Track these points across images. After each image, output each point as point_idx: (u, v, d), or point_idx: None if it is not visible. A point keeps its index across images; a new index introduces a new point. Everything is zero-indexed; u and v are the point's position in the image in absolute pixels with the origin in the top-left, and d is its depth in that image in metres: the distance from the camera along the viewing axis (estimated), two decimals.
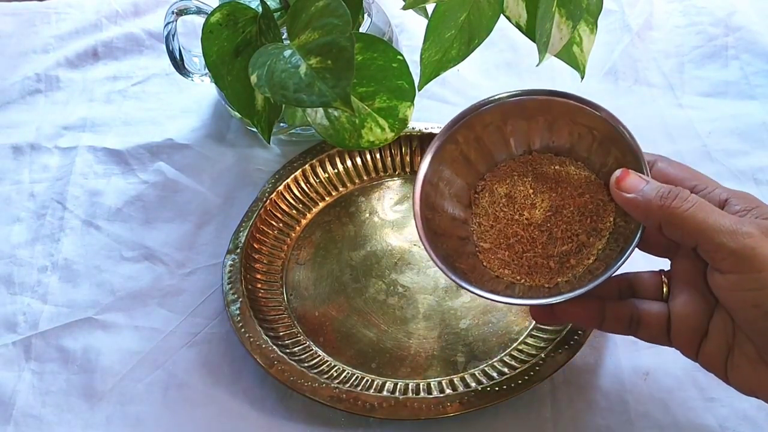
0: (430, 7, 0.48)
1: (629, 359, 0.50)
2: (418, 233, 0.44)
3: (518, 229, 0.45)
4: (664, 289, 0.42)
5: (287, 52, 0.45)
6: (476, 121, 0.46)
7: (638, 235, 0.41)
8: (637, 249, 0.41)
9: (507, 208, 0.46)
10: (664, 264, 0.44)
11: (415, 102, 0.49)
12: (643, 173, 0.41)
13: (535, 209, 0.45)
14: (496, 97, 0.46)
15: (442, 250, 0.44)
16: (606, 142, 0.44)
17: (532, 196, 0.45)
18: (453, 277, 0.43)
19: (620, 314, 0.42)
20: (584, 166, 0.45)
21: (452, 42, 0.47)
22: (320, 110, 0.49)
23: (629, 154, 0.42)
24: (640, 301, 0.42)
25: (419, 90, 0.49)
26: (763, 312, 0.36)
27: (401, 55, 0.48)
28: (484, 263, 0.45)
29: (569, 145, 0.46)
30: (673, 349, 0.42)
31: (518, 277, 0.44)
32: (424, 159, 0.46)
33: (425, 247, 0.44)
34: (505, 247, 0.45)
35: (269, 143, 0.56)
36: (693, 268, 0.40)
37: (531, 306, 0.45)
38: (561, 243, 0.44)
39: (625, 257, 0.40)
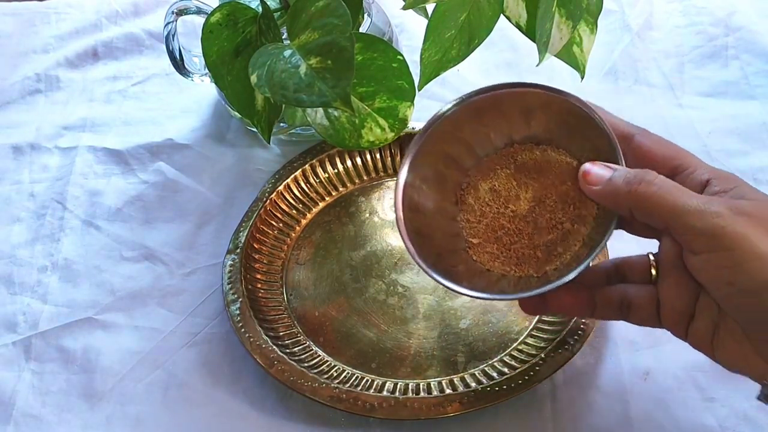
0: (430, 7, 0.48)
1: (629, 359, 0.50)
2: (402, 237, 0.44)
3: (504, 222, 0.45)
4: (653, 272, 0.42)
5: (287, 52, 0.45)
6: (448, 122, 0.46)
7: (614, 221, 0.41)
8: (625, 232, 0.41)
9: (492, 202, 0.46)
10: (654, 246, 0.43)
11: (415, 102, 0.49)
12: (617, 157, 0.41)
13: (519, 201, 0.45)
14: (462, 97, 0.45)
15: (431, 251, 0.44)
16: (581, 127, 0.43)
17: (515, 188, 0.45)
18: (438, 278, 0.43)
19: (610, 300, 0.42)
20: (566, 152, 0.45)
21: (452, 42, 0.47)
22: (320, 110, 0.49)
23: (603, 139, 0.42)
24: (629, 286, 0.43)
25: (419, 90, 0.49)
26: (737, 289, 0.36)
27: (401, 55, 0.48)
28: (474, 258, 0.45)
29: (549, 134, 0.46)
30: (673, 349, 0.42)
31: (508, 269, 0.44)
32: (403, 165, 0.46)
33: (409, 251, 0.44)
34: (493, 240, 0.45)
35: (269, 143, 0.56)
36: (678, 248, 0.40)
37: (520, 299, 0.45)
38: (546, 232, 0.44)
39: (602, 244, 0.40)
